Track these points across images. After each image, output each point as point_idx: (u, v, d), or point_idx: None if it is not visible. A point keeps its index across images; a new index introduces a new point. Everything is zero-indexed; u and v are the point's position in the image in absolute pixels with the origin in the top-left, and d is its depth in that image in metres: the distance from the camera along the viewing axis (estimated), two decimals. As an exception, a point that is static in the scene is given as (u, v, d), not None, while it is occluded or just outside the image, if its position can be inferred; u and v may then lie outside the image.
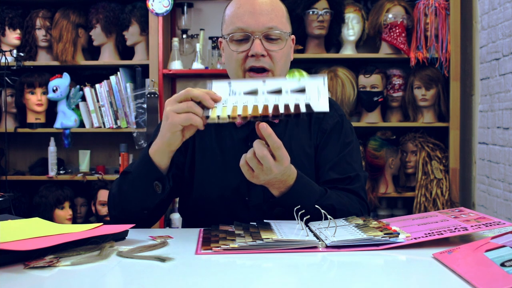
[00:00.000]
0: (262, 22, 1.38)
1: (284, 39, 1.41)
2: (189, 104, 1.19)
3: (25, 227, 1.21)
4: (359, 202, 1.41)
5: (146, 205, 1.33)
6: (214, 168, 1.45)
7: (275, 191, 1.29)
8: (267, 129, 1.17)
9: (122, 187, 1.35)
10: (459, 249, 0.99)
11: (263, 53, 1.38)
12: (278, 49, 1.40)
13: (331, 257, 1.05)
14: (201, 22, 3.38)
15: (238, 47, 1.40)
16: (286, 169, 1.23)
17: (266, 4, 1.40)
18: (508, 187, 2.50)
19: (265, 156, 1.18)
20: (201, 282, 0.90)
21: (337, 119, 1.51)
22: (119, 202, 1.36)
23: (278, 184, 1.27)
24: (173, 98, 1.22)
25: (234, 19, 1.40)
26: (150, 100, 3.08)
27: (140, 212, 1.34)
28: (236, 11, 1.41)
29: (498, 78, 2.63)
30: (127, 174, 1.35)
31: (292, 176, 1.28)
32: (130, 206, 1.34)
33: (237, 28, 1.39)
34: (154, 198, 1.32)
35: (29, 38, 3.22)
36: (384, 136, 3.16)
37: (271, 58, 1.39)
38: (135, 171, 1.33)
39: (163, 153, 1.27)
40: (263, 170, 1.20)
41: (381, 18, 3.10)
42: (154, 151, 1.28)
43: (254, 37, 1.38)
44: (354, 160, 1.48)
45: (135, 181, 1.32)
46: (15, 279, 0.91)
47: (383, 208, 3.27)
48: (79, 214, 3.25)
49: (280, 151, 1.19)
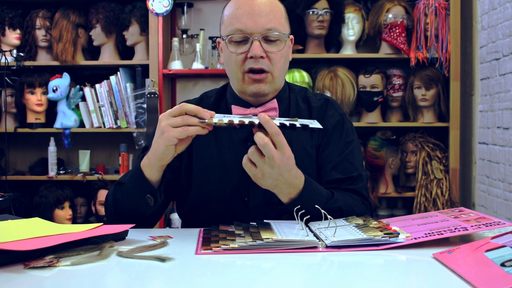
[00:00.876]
0: (260, 23, 1.37)
1: (283, 40, 1.41)
2: (184, 117, 1.20)
3: (25, 227, 1.21)
4: (362, 202, 1.41)
5: (140, 215, 1.35)
6: (214, 168, 1.45)
7: (284, 197, 1.26)
8: (265, 116, 1.17)
9: (116, 197, 1.38)
10: (459, 249, 0.99)
11: (262, 55, 1.37)
12: (276, 50, 1.40)
13: (331, 257, 1.05)
14: (201, 22, 3.38)
15: (237, 49, 1.39)
16: (291, 165, 1.22)
17: (264, 5, 1.39)
18: (508, 187, 2.50)
19: (267, 144, 1.16)
20: (201, 282, 0.90)
21: (338, 118, 1.51)
22: (115, 211, 1.38)
23: (287, 188, 1.24)
24: (167, 113, 1.23)
25: (233, 20, 1.39)
26: (150, 100, 3.08)
27: (136, 220, 1.35)
28: (234, 12, 1.40)
29: (498, 78, 2.63)
30: (121, 185, 1.37)
31: (300, 180, 1.26)
32: (126, 215, 1.36)
33: (236, 29, 1.38)
34: (147, 209, 1.34)
35: (29, 38, 3.22)
36: (384, 136, 3.16)
37: (269, 59, 1.39)
38: (128, 183, 1.35)
39: (153, 168, 1.29)
40: (266, 161, 1.18)
41: (381, 18, 3.10)
42: (145, 165, 1.29)
43: (253, 39, 1.37)
44: (356, 159, 1.48)
45: (128, 192, 1.34)
46: (15, 279, 0.91)
47: (383, 208, 3.27)
48: (79, 214, 3.25)
49: (279, 137, 1.18)
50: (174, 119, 1.21)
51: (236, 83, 1.44)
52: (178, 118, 1.21)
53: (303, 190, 1.26)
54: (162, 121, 1.23)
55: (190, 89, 3.44)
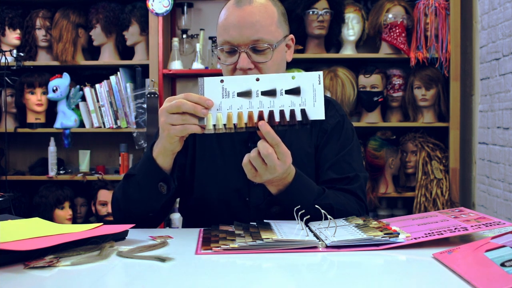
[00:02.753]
0: (246, 35, 1.35)
1: (272, 50, 1.37)
2: (183, 117, 1.19)
3: (25, 227, 1.21)
4: (357, 202, 1.41)
5: (151, 207, 1.34)
6: (215, 168, 1.45)
7: (273, 189, 1.30)
8: (266, 126, 1.17)
9: (126, 190, 1.36)
10: (459, 249, 0.99)
11: (249, 67, 1.35)
12: (265, 60, 1.37)
13: (331, 257, 1.05)
14: (201, 22, 3.38)
15: (226, 59, 1.39)
16: (288, 168, 1.24)
17: (252, 14, 1.36)
18: (508, 187, 2.50)
19: (270, 155, 1.18)
20: (201, 282, 0.90)
21: (338, 119, 1.50)
22: (124, 205, 1.36)
23: (277, 181, 1.27)
24: (165, 109, 1.20)
25: (221, 31, 1.38)
26: (150, 100, 3.08)
27: (145, 215, 1.34)
28: (223, 22, 1.39)
29: (498, 78, 2.63)
30: (131, 177, 1.36)
31: (291, 174, 1.28)
32: (136, 209, 1.34)
33: (224, 41, 1.37)
34: (160, 198, 1.33)
35: (29, 38, 3.22)
36: (384, 136, 3.16)
37: (259, 70, 1.37)
38: (139, 173, 1.33)
39: (165, 155, 1.29)
40: (267, 169, 1.20)
41: (381, 18, 3.10)
42: (157, 153, 1.29)
43: (240, 51, 1.35)
44: (354, 160, 1.47)
45: (139, 183, 1.33)
46: (15, 279, 0.91)
47: (383, 208, 3.26)
48: (79, 214, 3.25)
49: (280, 147, 1.19)
50: (173, 116, 1.19)
51: None
52: (177, 117, 1.19)
53: (292, 182, 1.28)
54: (161, 117, 1.22)
55: (190, 89, 3.44)
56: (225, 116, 1.19)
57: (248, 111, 1.19)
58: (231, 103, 1.19)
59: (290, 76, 1.19)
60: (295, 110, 1.18)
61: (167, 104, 1.21)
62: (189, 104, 1.18)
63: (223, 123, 1.19)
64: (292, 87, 1.19)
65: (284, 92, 1.19)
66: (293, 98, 1.19)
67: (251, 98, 1.19)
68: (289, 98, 1.19)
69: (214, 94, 1.20)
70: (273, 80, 1.20)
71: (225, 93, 1.20)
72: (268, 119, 1.18)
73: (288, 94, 1.19)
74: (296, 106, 1.18)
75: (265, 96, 1.19)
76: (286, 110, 1.18)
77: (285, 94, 1.19)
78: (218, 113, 1.19)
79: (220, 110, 1.19)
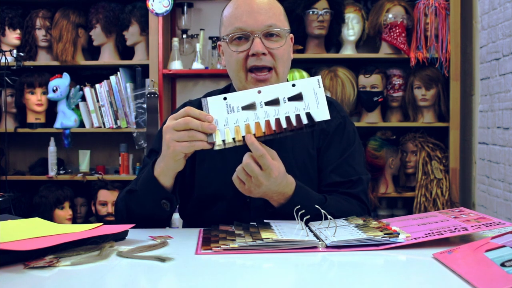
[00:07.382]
0: (261, 20, 1.37)
1: (284, 36, 1.40)
2: (190, 133, 1.18)
3: (25, 227, 1.21)
4: (359, 206, 1.41)
5: (156, 219, 1.35)
6: (216, 169, 1.45)
7: (274, 202, 1.29)
8: (250, 137, 1.17)
9: (129, 204, 1.37)
10: (459, 249, 0.99)
11: (264, 51, 1.37)
12: (278, 46, 1.39)
13: (331, 257, 1.05)
14: (201, 22, 3.38)
15: (238, 47, 1.39)
16: (279, 180, 1.22)
17: (263, 3, 1.40)
18: (508, 187, 2.50)
19: (249, 164, 1.18)
20: (201, 282, 0.90)
21: (339, 120, 1.50)
22: (128, 218, 1.37)
23: (277, 196, 1.27)
24: (171, 126, 1.19)
25: (233, 20, 1.39)
26: (150, 100, 3.08)
27: (152, 223, 1.35)
28: (234, 12, 1.40)
29: (498, 78, 2.63)
30: (133, 192, 1.35)
31: (291, 187, 1.27)
32: (140, 221, 1.33)
33: (236, 28, 1.38)
34: (163, 213, 1.33)
35: (29, 38, 3.22)
36: (384, 136, 3.15)
37: (272, 56, 1.38)
38: (141, 191, 1.33)
39: (167, 175, 1.28)
40: (252, 181, 1.20)
41: (381, 18, 3.10)
42: (159, 172, 1.28)
43: (254, 36, 1.37)
44: (357, 162, 1.47)
45: (142, 200, 1.33)
46: (15, 279, 0.91)
47: (383, 208, 3.26)
48: (79, 214, 3.25)
49: (264, 159, 1.18)
50: (179, 133, 1.18)
51: (239, 83, 1.43)
52: (183, 133, 1.18)
53: (293, 196, 1.27)
54: (167, 134, 1.20)
55: (190, 89, 3.44)
56: (232, 130, 1.19)
57: (255, 122, 1.19)
58: (237, 117, 1.20)
59: (290, 85, 1.22)
60: (300, 114, 1.19)
61: (172, 121, 1.20)
62: (196, 122, 1.18)
63: (232, 137, 1.19)
64: (293, 93, 1.21)
65: (287, 99, 1.21)
66: (296, 103, 1.20)
67: (255, 110, 1.20)
68: (293, 104, 1.20)
69: (219, 112, 1.20)
70: (275, 90, 1.22)
71: (229, 109, 1.21)
72: (276, 127, 1.19)
73: (291, 101, 1.20)
74: (300, 110, 1.20)
75: (269, 105, 1.20)
76: (292, 116, 1.19)
77: (288, 101, 1.21)
78: (226, 128, 1.19)
79: (227, 125, 1.19)
